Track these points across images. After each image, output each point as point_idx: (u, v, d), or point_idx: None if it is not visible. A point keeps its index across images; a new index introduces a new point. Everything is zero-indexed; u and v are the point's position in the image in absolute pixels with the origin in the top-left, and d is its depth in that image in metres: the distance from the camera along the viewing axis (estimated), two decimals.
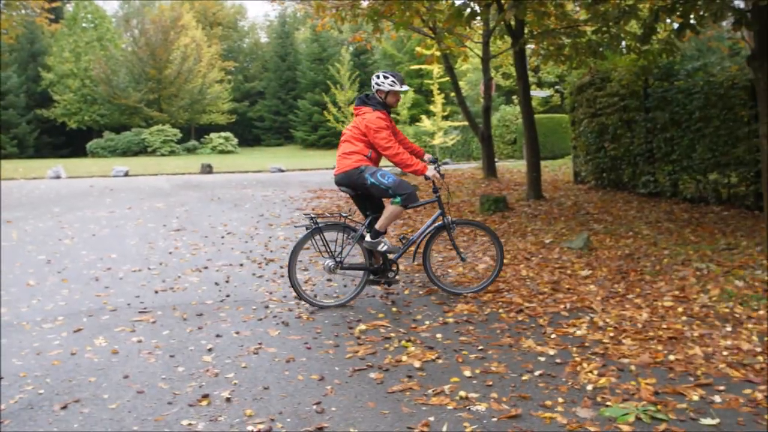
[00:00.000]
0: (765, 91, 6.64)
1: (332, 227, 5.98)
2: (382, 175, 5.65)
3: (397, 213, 5.75)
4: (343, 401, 3.78)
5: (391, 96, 5.83)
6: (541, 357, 4.40)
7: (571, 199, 11.70)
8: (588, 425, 3.36)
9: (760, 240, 7.31)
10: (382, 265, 5.93)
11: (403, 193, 5.61)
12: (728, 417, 3.43)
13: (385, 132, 5.67)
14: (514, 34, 11.46)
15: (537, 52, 11.85)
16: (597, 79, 12.65)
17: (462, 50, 14.76)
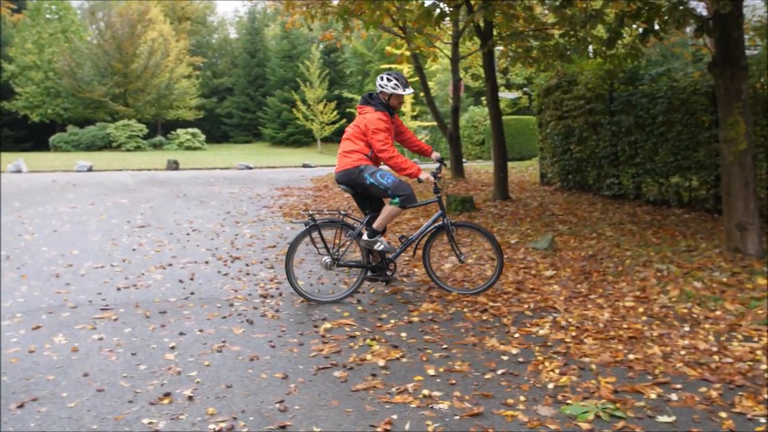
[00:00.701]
0: (725, 97, 6.79)
1: (330, 224, 6.06)
2: (381, 176, 5.68)
3: (395, 213, 5.77)
4: (307, 400, 3.77)
5: (394, 98, 5.83)
6: (504, 356, 4.44)
7: (537, 200, 11.83)
8: (548, 423, 3.41)
9: (718, 242, 7.47)
10: (380, 263, 5.97)
11: (401, 194, 5.63)
12: (684, 414, 3.50)
13: (383, 134, 5.67)
14: (483, 35, 11.55)
15: (505, 54, 11.96)
16: (564, 82, 12.81)
17: (431, 50, 14.83)
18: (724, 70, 6.74)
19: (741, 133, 6.69)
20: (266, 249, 8.11)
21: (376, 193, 5.83)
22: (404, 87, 5.78)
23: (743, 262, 6.56)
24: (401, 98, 5.88)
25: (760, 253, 6.72)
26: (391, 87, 5.78)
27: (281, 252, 7.91)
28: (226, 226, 9.69)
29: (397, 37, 14.41)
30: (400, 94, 5.80)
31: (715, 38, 6.89)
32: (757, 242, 6.76)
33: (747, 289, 5.77)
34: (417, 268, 7.01)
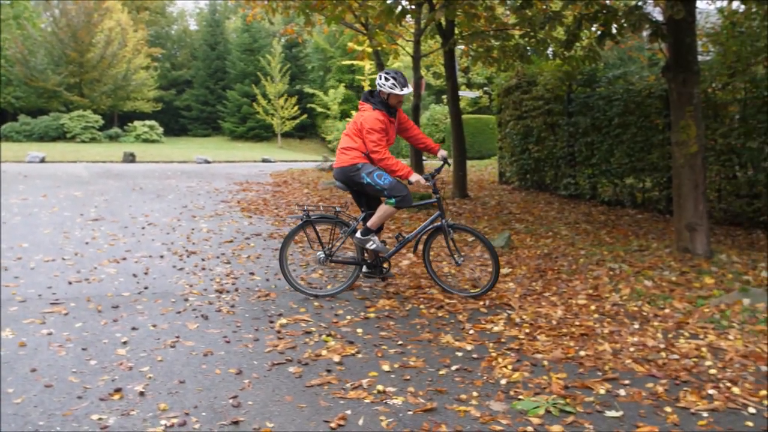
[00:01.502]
0: (677, 101, 6.96)
1: (324, 220, 6.01)
2: (378, 176, 5.60)
3: (390, 213, 5.71)
4: (261, 395, 3.75)
5: (392, 97, 5.71)
6: (458, 352, 4.49)
7: (495, 199, 11.96)
8: (500, 418, 3.46)
9: (669, 242, 7.66)
10: (375, 261, 5.94)
11: (398, 195, 5.57)
12: (631, 409, 3.59)
13: (377, 135, 5.56)
14: (445, 34, 11.61)
15: (467, 53, 12.05)
16: (524, 83, 12.97)
17: (393, 48, 14.81)
18: (676, 75, 6.91)
19: (692, 136, 6.86)
20: (223, 244, 8.03)
21: (372, 193, 5.76)
22: (402, 86, 5.64)
23: (692, 262, 6.73)
24: (400, 97, 5.72)
25: (707, 253, 6.91)
26: (389, 86, 5.65)
27: (238, 247, 7.84)
28: (182, 221, 9.56)
29: (359, 34, 14.38)
30: (398, 93, 5.66)
31: (668, 43, 7.05)
32: (705, 242, 6.95)
33: (695, 288, 5.93)
34: None
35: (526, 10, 8.76)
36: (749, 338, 4.72)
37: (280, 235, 8.57)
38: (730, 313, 5.24)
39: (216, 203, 11.35)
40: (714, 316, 5.21)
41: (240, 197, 12.17)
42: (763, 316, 5.11)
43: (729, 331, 4.90)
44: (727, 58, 9.37)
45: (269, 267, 6.92)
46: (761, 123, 8.47)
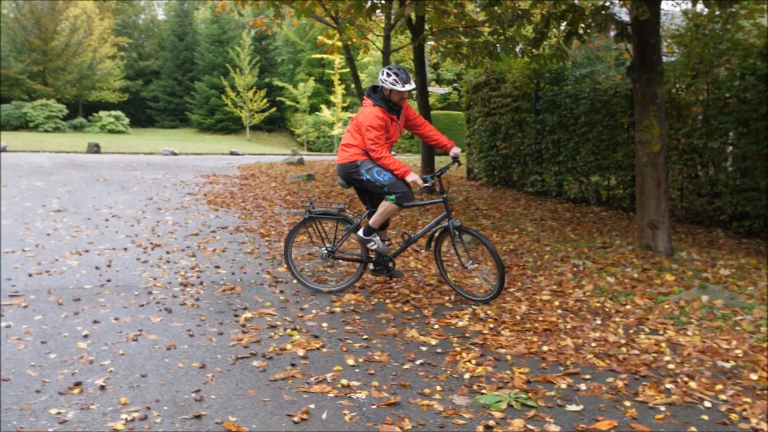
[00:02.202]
0: (641, 101, 7.07)
1: (327, 216, 5.95)
2: (378, 172, 5.45)
3: (391, 210, 5.52)
4: (224, 389, 3.73)
5: (394, 94, 5.47)
6: (423, 347, 4.51)
7: (462, 195, 12.03)
8: (463, 412, 3.49)
9: (632, 240, 7.79)
10: (379, 259, 5.78)
11: (397, 192, 5.41)
12: (591, 403, 3.65)
13: (375, 132, 5.39)
14: (415, 29, 11.63)
15: (436, 49, 12.07)
16: (492, 80, 13.05)
17: (363, 42, 14.80)
18: (641, 75, 7.02)
19: (655, 135, 6.98)
20: (189, 237, 7.95)
21: (373, 190, 5.60)
22: (404, 83, 5.39)
23: (653, 259, 6.86)
24: (402, 94, 5.47)
25: (669, 251, 7.04)
26: (390, 82, 5.43)
27: (204, 240, 7.77)
28: (147, 213, 9.44)
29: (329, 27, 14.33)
30: (399, 90, 5.42)
31: (634, 43, 7.15)
32: (666, 240, 7.08)
33: (656, 285, 6.05)
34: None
35: (495, 7, 8.82)
36: (707, 334, 4.83)
37: (246, 228, 8.51)
38: (689, 309, 5.35)
39: (182, 196, 11.23)
40: (673, 313, 5.32)
41: (207, 190, 12.06)
42: (721, 312, 5.23)
43: (688, 327, 5.00)
44: (691, 59, 9.55)
45: (235, 260, 6.87)
46: (722, 124, 8.65)
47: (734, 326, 4.96)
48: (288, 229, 8.45)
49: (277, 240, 7.88)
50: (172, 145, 25.68)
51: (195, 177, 14.10)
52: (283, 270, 6.51)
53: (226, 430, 3.24)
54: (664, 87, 8.83)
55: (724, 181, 8.91)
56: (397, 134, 5.64)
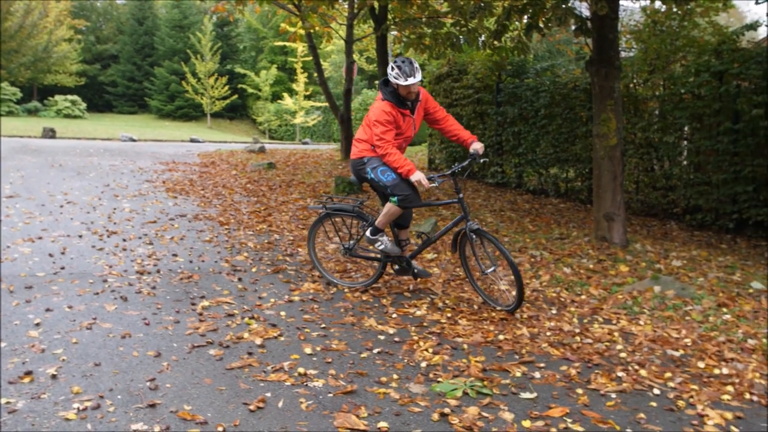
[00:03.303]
0: (599, 95, 7.18)
1: (342, 212, 5.68)
2: (382, 171, 5.17)
3: (394, 212, 5.24)
4: (179, 378, 3.70)
5: (401, 88, 5.08)
6: (381, 335, 4.53)
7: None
8: (419, 400, 3.52)
9: (588, 231, 7.93)
10: (395, 260, 5.51)
11: (400, 194, 5.12)
12: (545, 391, 3.72)
13: (381, 128, 5.06)
14: (378, 19, 11.61)
15: (399, 39, 12.06)
16: (455, 71, 13.10)
17: (326, 30, 14.71)
18: (599, 69, 7.12)
19: (612, 129, 7.10)
20: (146, 224, 7.83)
21: (377, 189, 5.41)
22: (407, 76, 4.98)
23: (609, 251, 6.99)
24: (409, 88, 5.06)
25: (623, 242, 7.18)
26: (393, 76, 5.04)
27: (162, 228, 7.66)
28: (104, 200, 9.26)
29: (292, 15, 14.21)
30: (402, 84, 5.02)
31: (592, 38, 7.25)
32: (621, 232, 7.22)
33: (610, 276, 6.17)
34: (301, 248, 6.99)
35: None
36: (658, 323, 4.95)
37: (205, 216, 8.42)
38: (642, 299, 5.47)
39: (140, 183, 11.04)
40: (627, 303, 5.44)
41: (165, 177, 11.88)
42: (672, 302, 5.36)
43: (640, 316, 5.12)
44: (648, 55, 9.73)
45: (193, 249, 6.79)
46: (677, 119, 8.84)
47: (684, 316, 5.10)
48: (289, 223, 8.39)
49: (236, 228, 7.81)
50: (131, 131, 25.22)
51: (154, 164, 13.88)
52: (241, 258, 6.47)
53: (180, 419, 3.21)
54: (622, 82, 8.99)
55: (678, 175, 9.12)
56: (411, 130, 5.30)
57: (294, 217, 8.55)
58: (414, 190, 5.21)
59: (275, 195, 10.26)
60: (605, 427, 3.30)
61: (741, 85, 8.11)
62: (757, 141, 7.86)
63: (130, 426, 3.11)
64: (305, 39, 15.34)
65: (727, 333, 4.72)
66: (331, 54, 35.29)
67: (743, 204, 8.05)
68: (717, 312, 5.14)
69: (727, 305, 5.29)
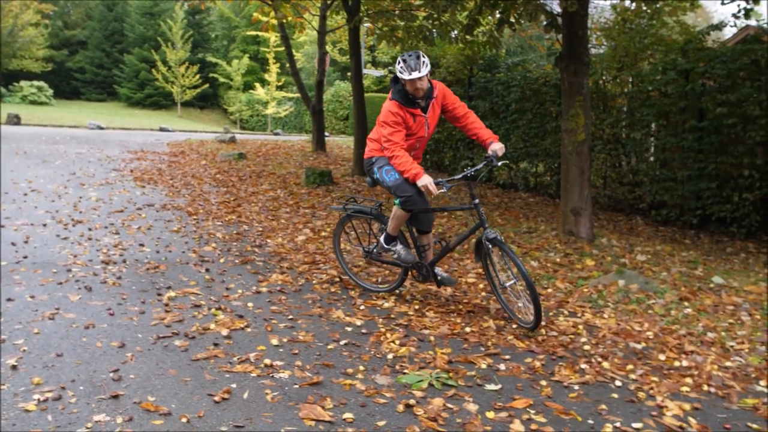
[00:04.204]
0: (568, 90, 7.26)
1: (362, 214, 5.45)
2: (387, 172, 4.90)
3: (399, 216, 4.96)
4: (143, 369, 3.66)
5: (408, 83, 4.68)
6: (348, 327, 4.54)
7: None
8: (384, 391, 3.54)
9: (556, 225, 8.02)
10: (415, 267, 5.16)
11: (402, 195, 4.82)
12: (509, 383, 3.76)
13: (388, 129, 4.74)
14: (351, 10, 11.56)
15: (372, 32, 12.04)
16: None
17: (299, 21, 14.61)
18: (568, 65, 7.19)
19: (580, 124, 7.18)
20: (113, 213, 7.72)
21: (384, 189, 5.11)
22: (411, 70, 4.58)
23: (575, 245, 7.08)
24: (415, 83, 4.64)
25: (590, 237, 7.28)
26: (398, 70, 4.66)
27: (129, 217, 7.57)
28: (69, 188, 9.12)
29: (265, 4, 14.09)
30: (405, 79, 4.64)
31: (562, 34, 7.32)
32: (588, 226, 7.32)
33: (576, 269, 6.25)
34: (270, 239, 6.97)
35: None
36: (622, 317, 5.03)
37: (174, 206, 8.34)
38: (607, 293, 5.56)
39: (107, 171, 10.89)
40: (592, 296, 5.51)
41: (134, 166, 11.72)
42: (636, 296, 5.45)
43: (604, 310, 5.20)
44: (617, 52, 9.86)
45: (160, 239, 6.73)
46: (645, 116, 8.98)
47: (647, 309, 5.19)
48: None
49: (204, 218, 7.75)
50: (99, 118, 24.83)
51: (122, 152, 13.69)
52: (209, 249, 6.42)
53: (144, 410, 3.18)
54: (592, 78, 9.09)
55: (645, 171, 9.27)
56: (424, 130, 4.91)
57: (264, 208, 8.51)
58: (418, 192, 4.81)
59: (245, 186, 10.19)
60: (567, 418, 3.35)
61: (706, 83, 8.26)
62: (720, 139, 8.02)
63: (92, 417, 3.08)
64: (278, 29, 15.24)
65: (688, 326, 4.82)
66: (304, 45, 35.08)
67: (707, 200, 8.21)
68: (679, 306, 5.24)
69: (689, 299, 5.40)
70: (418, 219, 5.08)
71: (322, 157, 14.70)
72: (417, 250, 5.13)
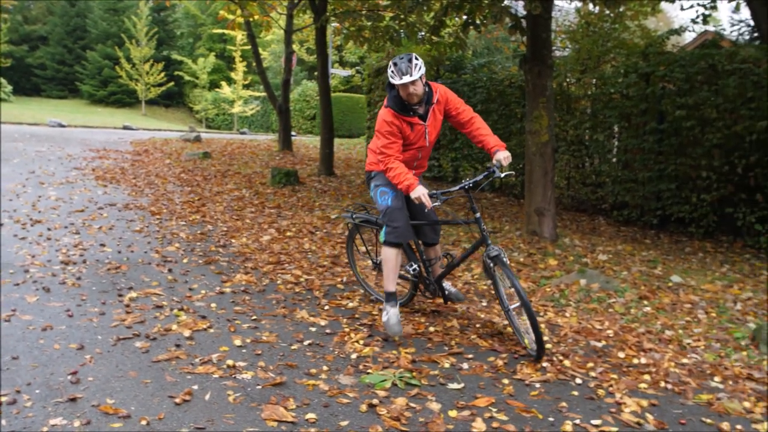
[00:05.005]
0: (532, 92, 7.34)
1: (368, 224, 5.09)
2: (381, 193, 4.55)
3: (390, 258, 4.49)
4: (103, 371, 3.61)
5: (400, 88, 4.27)
6: (312, 327, 4.53)
7: (360, 178, 12.09)
8: (348, 391, 3.54)
9: (520, 225, 8.10)
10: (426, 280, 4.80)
11: (389, 224, 4.46)
12: (472, 381, 3.79)
13: (383, 140, 4.33)
14: (317, 10, 11.53)
15: (339, 31, 12.01)
16: None
17: (266, 19, 14.52)
18: (532, 67, 7.27)
19: (544, 126, 7.27)
20: (73, 213, 7.59)
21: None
22: (401, 74, 4.16)
23: (539, 245, 7.16)
24: (408, 88, 4.21)
25: (553, 237, 7.37)
26: (389, 75, 4.26)
27: (90, 217, 7.44)
28: (28, 187, 8.93)
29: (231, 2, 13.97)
30: (396, 84, 4.24)
31: (527, 36, 7.40)
32: (551, 226, 7.41)
33: (539, 269, 6.32)
34: (234, 239, 6.91)
35: None
36: (583, 315, 5.11)
37: (137, 206, 8.22)
38: (569, 292, 5.63)
39: (68, 170, 10.69)
40: (554, 295, 5.58)
41: (95, 165, 11.53)
42: (597, 295, 5.54)
43: (566, 308, 5.27)
44: (581, 55, 10.00)
45: (122, 239, 6.63)
46: (607, 118, 9.12)
47: (607, 308, 5.28)
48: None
49: (168, 218, 7.66)
50: (60, 116, 24.36)
51: (83, 151, 13.45)
52: (173, 249, 6.35)
53: (102, 413, 3.13)
54: (556, 80, 9.21)
55: (607, 172, 9.42)
56: (424, 139, 4.48)
57: (228, 208, 8.44)
58: (402, 223, 4.46)
59: (210, 185, 10.09)
60: (528, 416, 3.39)
61: (666, 87, 8.42)
62: (680, 141, 8.18)
63: (48, 421, 3.02)
64: (244, 27, 15.14)
65: (647, 324, 4.91)
66: (271, 43, 34.86)
67: (666, 201, 8.37)
68: (638, 304, 5.34)
69: (648, 298, 5.50)
70: (423, 232, 4.76)
71: (289, 156, 14.64)
72: (423, 264, 4.78)
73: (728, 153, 7.79)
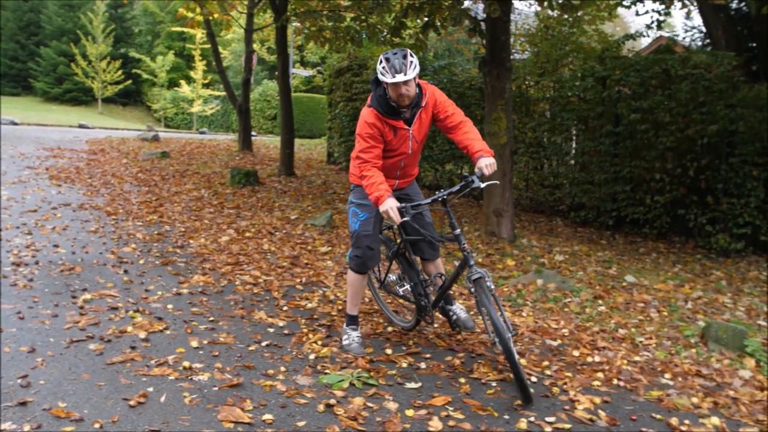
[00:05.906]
0: (491, 94, 7.42)
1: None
2: (353, 213, 4.22)
3: (354, 283, 4.24)
4: (55, 374, 3.54)
5: (390, 87, 3.84)
6: (270, 328, 4.51)
7: (321, 178, 12.07)
8: (305, 392, 3.53)
9: (479, 226, 8.19)
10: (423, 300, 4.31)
11: (355, 247, 4.18)
12: (429, 381, 3.82)
13: (362, 143, 3.94)
14: (278, 9, 11.47)
15: (300, 31, 11.97)
16: (355, 65, 13.15)
17: (226, 18, 14.38)
18: (491, 69, 7.36)
19: (502, 128, 7.36)
20: (25, 213, 7.41)
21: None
22: (394, 72, 3.72)
23: (497, 245, 7.25)
24: (400, 88, 3.78)
25: (511, 237, 7.47)
26: (380, 72, 3.82)
27: (43, 217, 7.28)
28: None
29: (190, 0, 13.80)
30: (387, 82, 3.81)
31: (486, 39, 7.48)
32: (510, 227, 7.50)
33: (498, 269, 6.40)
34: (192, 239, 6.83)
35: None
36: (539, 315, 5.19)
37: (92, 206, 8.07)
38: (526, 292, 5.72)
39: (20, 169, 10.43)
40: (512, 295, 5.66)
41: (49, 164, 11.27)
42: (553, 295, 5.63)
43: (523, 308, 5.35)
44: (539, 58, 10.14)
45: (77, 239, 6.50)
46: (565, 120, 9.27)
47: (563, 308, 5.37)
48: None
49: (124, 219, 7.53)
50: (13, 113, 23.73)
51: (37, 149, 13.14)
52: (129, 250, 6.24)
53: (54, 417, 3.07)
54: (515, 83, 9.33)
55: (565, 173, 9.58)
56: (407, 145, 4.08)
57: (187, 208, 8.34)
58: (366, 250, 4.15)
59: (168, 185, 9.96)
60: (484, 414, 3.43)
61: (621, 90, 8.60)
62: (634, 144, 8.36)
63: None
64: (204, 26, 14.98)
65: (601, 323, 5.01)
66: (231, 42, 34.55)
67: (621, 202, 8.55)
68: (593, 304, 5.45)
69: (603, 297, 5.62)
70: (419, 247, 4.36)
71: (249, 156, 14.52)
72: (421, 284, 4.31)
73: (681, 156, 8.00)
